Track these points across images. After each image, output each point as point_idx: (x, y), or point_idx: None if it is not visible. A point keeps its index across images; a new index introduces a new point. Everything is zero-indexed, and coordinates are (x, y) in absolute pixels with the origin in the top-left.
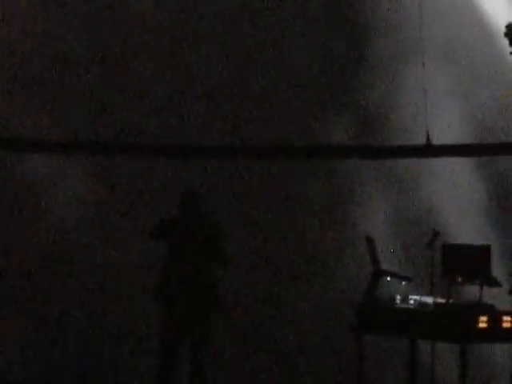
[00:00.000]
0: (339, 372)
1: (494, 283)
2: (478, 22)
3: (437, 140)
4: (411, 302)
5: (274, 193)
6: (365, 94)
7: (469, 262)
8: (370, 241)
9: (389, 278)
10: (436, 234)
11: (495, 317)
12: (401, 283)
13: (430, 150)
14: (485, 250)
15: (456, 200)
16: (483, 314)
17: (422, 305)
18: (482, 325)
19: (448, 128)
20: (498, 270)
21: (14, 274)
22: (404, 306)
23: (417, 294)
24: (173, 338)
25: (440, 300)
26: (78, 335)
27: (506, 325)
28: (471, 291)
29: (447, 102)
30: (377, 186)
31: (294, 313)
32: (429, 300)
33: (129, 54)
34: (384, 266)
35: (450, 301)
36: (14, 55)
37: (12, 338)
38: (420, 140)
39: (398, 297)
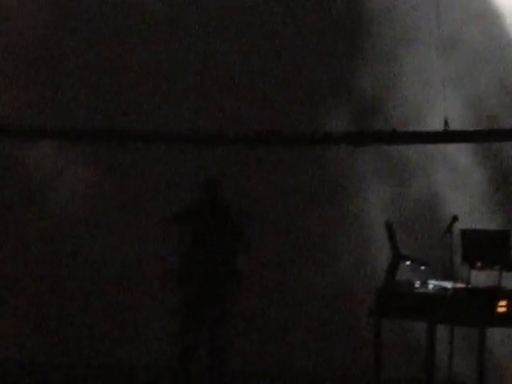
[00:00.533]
0: (357, 356)
1: None
2: (486, 9)
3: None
4: (430, 286)
5: (280, 179)
6: (367, 82)
7: (488, 247)
8: (389, 226)
9: (408, 263)
10: (455, 218)
11: None
12: (420, 268)
13: (447, 136)
14: (504, 235)
15: (461, 186)
16: (502, 299)
17: (441, 289)
18: (501, 309)
19: (453, 114)
20: None
21: (19, 266)
22: (423, 290)
23: (436, 279)
24: (193, 319)
25: (459, 285)
26: (89, 323)
27: None
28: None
29: (451, 89)
30: (379, 173)
31: (309, 298)
32: (448, 285)
33: (142, 40)
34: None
35: (470, 285)
36: (14, 46)
37: (14, 328)
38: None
39: (418, 281)
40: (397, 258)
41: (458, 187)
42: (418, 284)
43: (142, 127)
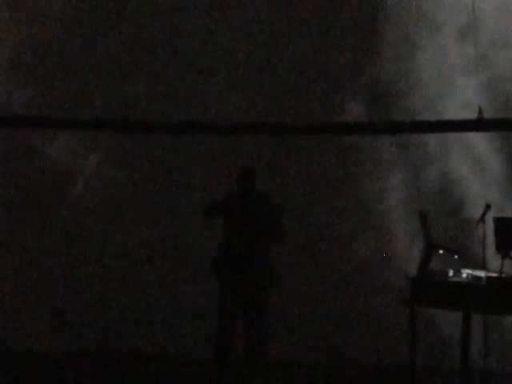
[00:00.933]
0: (392, 345)
1: None
2: None
3: (457, 115)
4: (464, 275)
5: (298, 168)
6: (386, 69)
7: None
8: (422, 215)
9: (441, 252)
10: (488, 207)
11: None
12: (453, 257)
13: (481, 124)
14: None
15: (478, 173)
16: None
17: (474, 278)
18: None
19: (467, 103)
20: None
21: (39, 256)
22: (457, 279)
23: (469, 268)
24: (229, 310)
25: (492, 274)
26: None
27: None
28: None
29: (464, 77)
30: (396, 160)
31: (326, 285)
32: (481, 274)
33: (164, 30)
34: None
35: (503, 275)
36: (34, 38)
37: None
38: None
39: (451, 270)
40: (430, 248)
41: (475, 174)
42: (451, 273)
43: (166, 118)
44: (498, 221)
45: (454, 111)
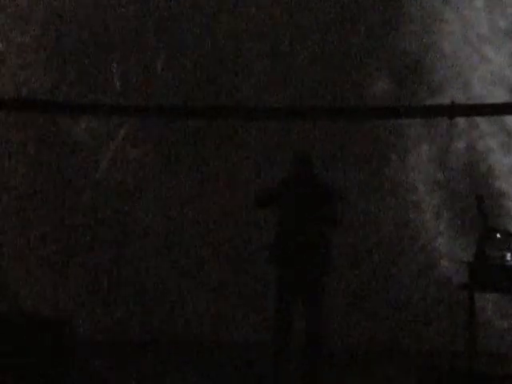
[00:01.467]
0: (450, 330)
1: None
2: None
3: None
4: None
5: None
6: (410, 43)
7: None
8: (479, 199)
9: (498, 236)
10: None
11: None
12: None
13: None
14: None
15: (507, 148)
16: None
17: None
18: None
19: (496, 76)
20: None
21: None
22: None
23: None
24: (287, 296)
25: None
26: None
27: None
28: None
29: (493, 50)
30: (423, 136)
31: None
32: None
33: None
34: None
35: None
36: (57, 24)
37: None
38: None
39: (509, 254)
40: (487, 231)
41: (504, 148)
42: (509, 257)
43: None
44: None
45: (483, 85)
